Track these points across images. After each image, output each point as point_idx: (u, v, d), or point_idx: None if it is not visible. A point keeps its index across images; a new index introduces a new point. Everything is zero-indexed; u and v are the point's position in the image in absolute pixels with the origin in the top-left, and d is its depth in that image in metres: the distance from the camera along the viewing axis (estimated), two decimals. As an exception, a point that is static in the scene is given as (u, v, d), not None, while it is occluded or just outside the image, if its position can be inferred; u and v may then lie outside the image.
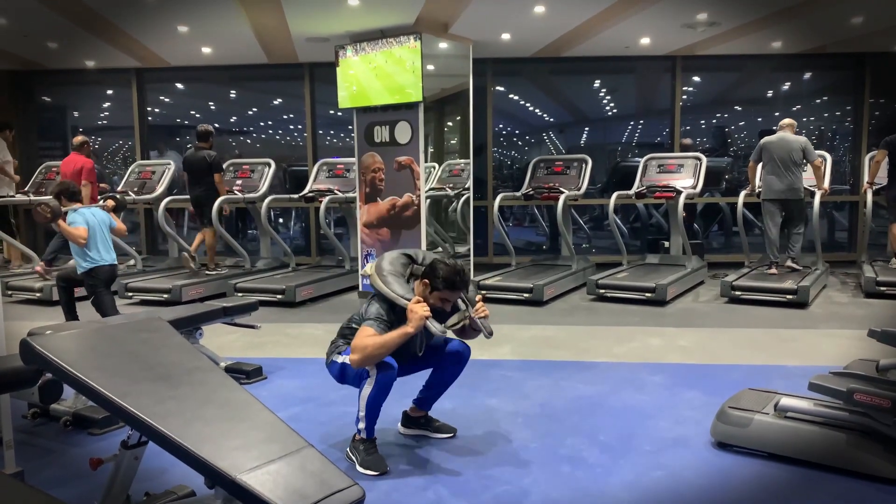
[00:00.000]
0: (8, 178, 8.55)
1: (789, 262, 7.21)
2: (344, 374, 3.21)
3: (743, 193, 7.75)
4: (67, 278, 5.66)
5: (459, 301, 3.21)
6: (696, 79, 9.87)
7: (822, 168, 7.35)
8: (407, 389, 3.53)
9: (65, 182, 5.70)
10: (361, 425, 3.16)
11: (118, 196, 6.33)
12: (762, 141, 7.30)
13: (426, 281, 3.15)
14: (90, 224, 5.28)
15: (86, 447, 3.45)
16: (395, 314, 3.09)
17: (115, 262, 5.50)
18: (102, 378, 2.24)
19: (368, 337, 2.99)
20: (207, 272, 7.92)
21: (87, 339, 2.61)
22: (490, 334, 3.21)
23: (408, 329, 2.97)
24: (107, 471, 2.56)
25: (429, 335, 3.14)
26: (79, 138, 8.08)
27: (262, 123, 11.09)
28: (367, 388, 3.07)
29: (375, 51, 7.05)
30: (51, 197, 5.47)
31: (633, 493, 2.91)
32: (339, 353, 3.22)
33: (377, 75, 7.06)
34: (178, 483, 2.82)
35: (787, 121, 7.30)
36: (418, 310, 2.97)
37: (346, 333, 3.25)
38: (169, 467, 2.99)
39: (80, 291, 6.03)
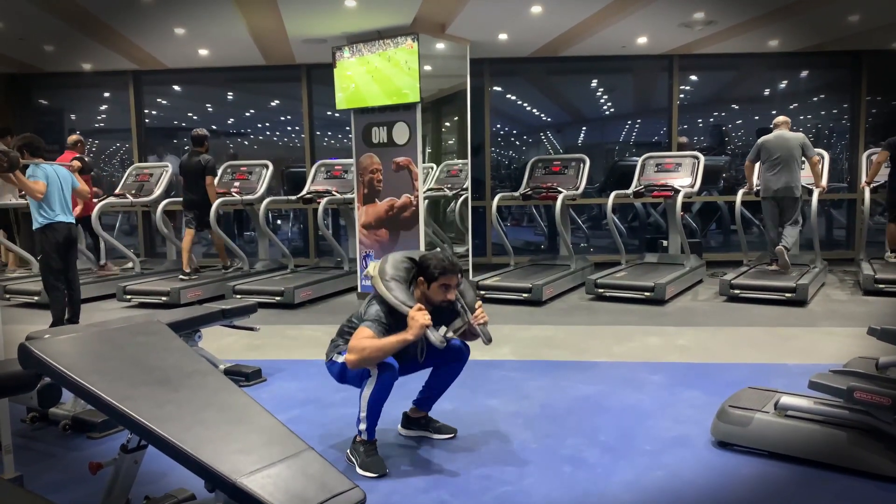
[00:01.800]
0: (10, 183, 8.55)
1: (781, 246, 7.08)
2: (344, 374, 3.20)
3: (741, 192, 7.75)
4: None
5: (459, 307, 3.20)
6: (694, 78, 9.88)
7: (820, 165, 7.35)
8: (407, 391, 3.53)
9: (28, 135, 5.64)
10: (362, 426, 3.15)
11: (86, 160, 6.40)
12: (760, 140, 7.30)
13: (421, 278, 3.16)
14: (50, 179, 5.27)
15: (85, 451, 3.44)
16: (394, 318, 3.08)
17: (73, 223, 5.48)
18: (101, 382, 2.23)
19: (366, 339, 2.98)
20: (225, 271, 7.96)
21: (85, 343, 2.61)
22: (489, 341, 3.22)
23: (407, 336, 2.96)
24: (106, 475, 2.56)
25: (429, 342, 3.13)
26: (73, 137, 8.07)
27: (259, 125, 11.09)
28: (368, 389, 3.07)
29: (372, 52, 7.06)
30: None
31: (633, 493, 2.91)
32: (340, 353, 3.22)
33: (374, 76, 7.06)
34: (178, 487, 2.81)
35: (781, 118, 7.30)
36: (419, 318, 2.96)
37: (346, 333, 3.24)
38: (169, 471, 2.98)
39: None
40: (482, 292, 7.08)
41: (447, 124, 8.39)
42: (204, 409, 2.28)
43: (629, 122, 10.67)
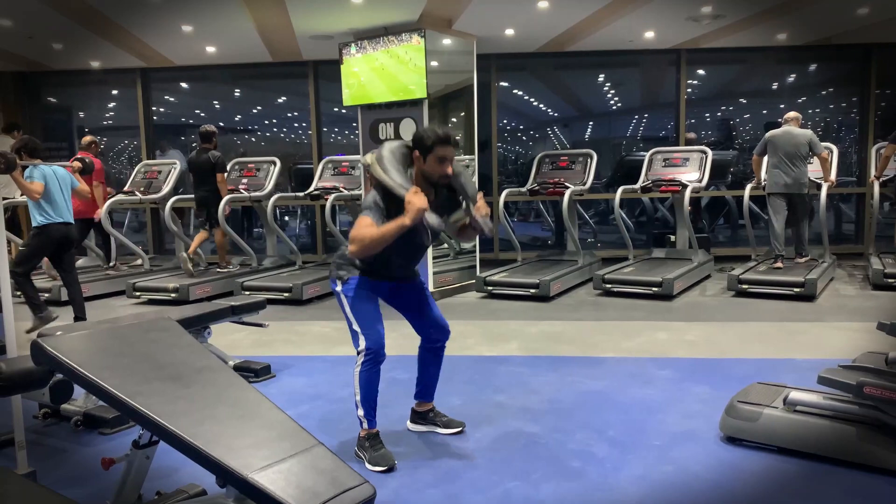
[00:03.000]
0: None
1: (798, 259, 7.19)
2: (340, 301, 3.25)
3: (749, 186, 7.72)
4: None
5: (460, 197, 3.19)
6: (701, 72, 9.83)
7: (829, 160, 7.31)
8: (410, 388, 3.56)
9: (26, 137, 5.74)
10: (361, 412, 3.18)
11: (86, 160, 6.47)
12: (767, 134, 7.26)
13: (417, 152, 3.11)
14: (48, 180, 5.32)
15: (97, 447, 3.47)
16: (392, 202, 3.03)
17: (71, 223, 5.55)
18: (113, 378, 2.25)
19: (366, 227, 2.96)
20: (219, 269, 7.98)
21: (97, 340, 2.63)
22: (490, 231, 3.18)
23: (405, 221, 2.91)
24: (118, 470, 2.58)
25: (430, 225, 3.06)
26: (87, 138, 8.10)
27: (266, 122, 11.11)
28: (358, 367, 3.13)
29: (379, 48, 7.05)
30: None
31: (642, 488, 2.92)
32: (340, 269, 3.26)
33: (381, 72, 7.06)
34: (190, 482, 2.83)
35: (792, 114, 7.25)
36: (416, 201, 2.91)
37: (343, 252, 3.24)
38: (180, 466, 3.00)
39: (88, 291, 6.07)
40: (489, 287, 7.08)
41: (454, 120, 8.38)
42: (214, 405, 2.29)
43: (636, 117, 10.63)
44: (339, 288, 3.23)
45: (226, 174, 7.88)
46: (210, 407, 2.28)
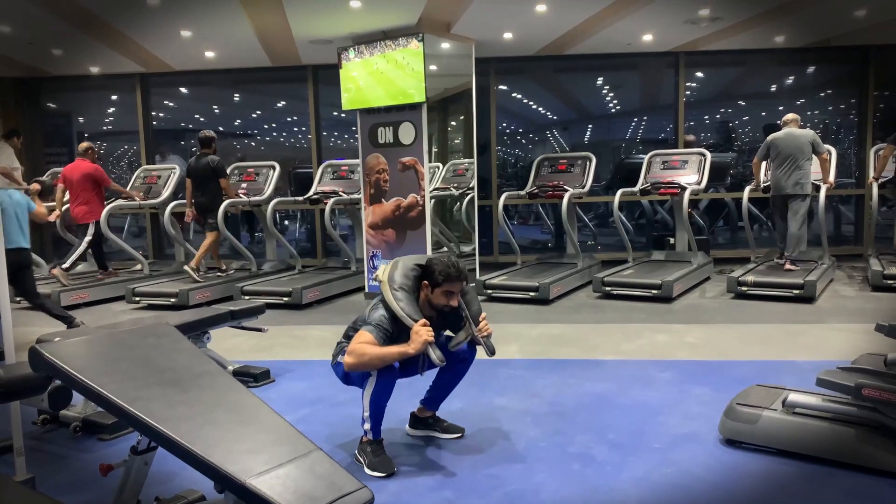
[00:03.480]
0: (16, 184, 8.60)
1: (788, 266, 7.14)
2: (349, 375, 3.21)
3: (748, 188, 7.72)
4: None
5: (464, 316, 3.21)
6: (700, 74, 9.85)
7: (829, 162, 7.31)
8: (414, 390, 3.54)
9: None
10: (367, 426, 3.17)
11: (45, 180, 6.42)
12: (769, 138, 7.25)
13: (425, 282, 3.16)
14: (3, 205, 5.26)
15: (96, 453, 3.46)
16: (397, 326, 3.08)
17: (27, 248, 5.52)
18: (111, 384, 2.25)
19: (367, 345, 2.98)
20: (219, 274, 7.98)
21: (95, 346, 2.63)
22: (492, 353, 3.24)
23: (408, 349, 2.97)
24: (117, 476, 2.58)
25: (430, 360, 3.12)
26: (84, 144, 8.09)
27: (266, 126, 11.12)
28: (370, 389, 3.09)
29: (378, 52, 7.06)
30: None
31: (642, 490, 2.91)
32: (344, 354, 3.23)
33: (380, 76, 7.07)
34: (188, 487, 2.83)
35: (791, 115, 7.25)
36: (423, 334, 2.96)
37: (351, 335, 3.24)
38: (179, 472, 3.00)
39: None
40: (489, 291, 7.09)
41: (453, 123, 8.40)
42: (213, 411, 2.29)
43: (635, 120, 10.65)
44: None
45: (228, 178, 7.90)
46: (208, 412, 2.28)
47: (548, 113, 10.78)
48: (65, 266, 7.68)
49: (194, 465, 2.04)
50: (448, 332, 3.37)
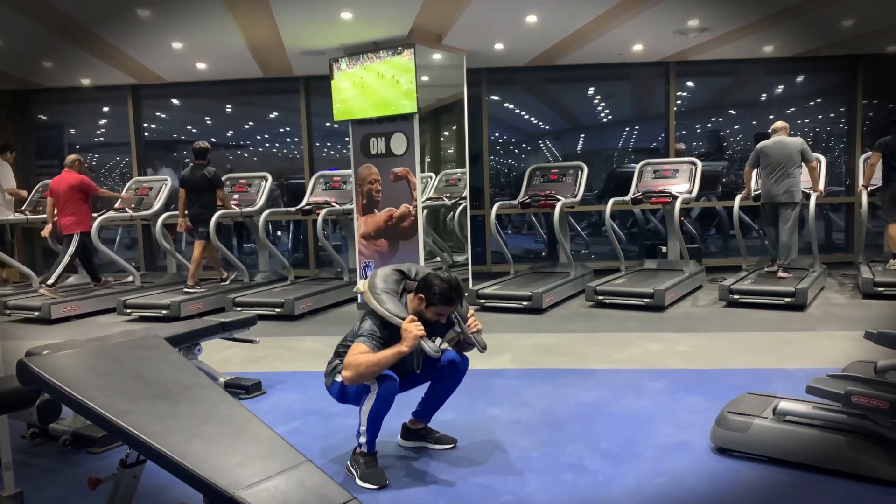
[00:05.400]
0: (16, 196, 8.66)
1: (780, 274, 7.18)
2: (344, 394, 3.20)
3: (739, 197, 7.76)
4: None
5: (452, 317, 3.21)
6: (690, 84, 9.91)
7: (818, 170, 7.36)
8: (407, 402, 3.52)
9: None
10: (363, 439, 3.16)
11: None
12: (759, 146, 7.30)
13: (421, 296, 3.15)
14: None
15: (85, 466, 3.44)
16: (388, 331, 3.08)
17: None
18: (100, 397, 2.23)
19: (362, 354, 2.98)
20: (220, 281, 7.97)
21: (83, 359, 2.61)
22: (484, 348, 3.23)
23: (402, 348, 2.97)
24: (106, 490, 2.56)
25: (425, 354, 3.13)
26: (71, 156, 8.05)
27: (258, 137, 11.12)
28: (369, 404, 3.08)
29: (369, 63, 7.09)
30: None
31: (634, 500, 2.91)
32: (339, 373, 3.21)
33: (372, 87, 7.09)
34: (178, 501, 2.81)
35: (780, 124, 7.31)
36: (413, 329, 2.97)
37: (342, 352, 3.22)
38: (169, 485, 2.98)
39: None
40: (482, 300, 7.09)
41: (445, 134, 8.42)
42: (202, 423, 2.28)
43: (627, 129, 10.69)
44: (339, 378, 3.17)
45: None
46: (198, 425, 2.27)
47: (540, 123, 10.82)
48: (49, 283, 7.65)
49: (183, 479, 2.02)
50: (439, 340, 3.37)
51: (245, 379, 4.63)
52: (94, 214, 7.93)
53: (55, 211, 7.86)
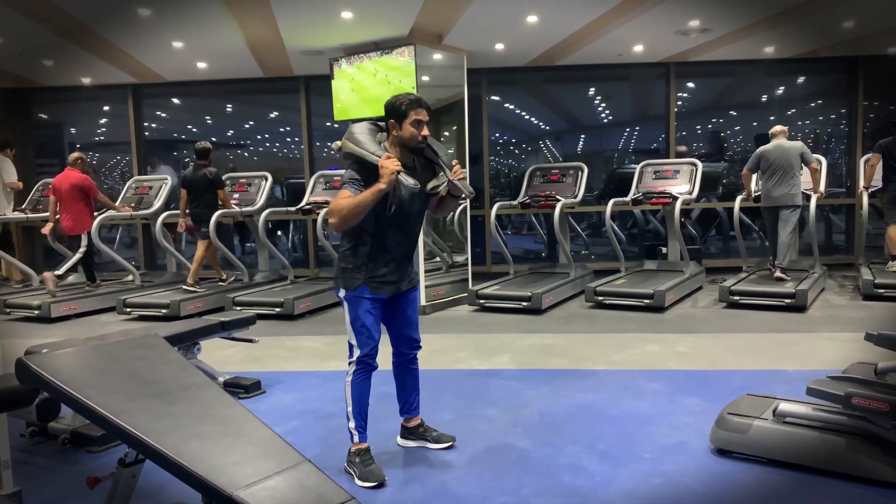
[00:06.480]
0: (15, 189, 8.66)
1: (780, 275, 7.16)
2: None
3: (739, 198, 7.76)
4: None
5: (439, 162, 3.19)
6: (691, 85, 9.91)
7: (819, 171, 7.35)
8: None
9: None
10: (352, 424, 3.20)
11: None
12: (759, 150, 7.28)
13: (392, 120, 3.14)
14: None
15: (84, 465, 3.44)
16: (367, 172, 3.06)
17: None
18: (98, 396, 2.23)
19: (343, 199, 3.00)
20: (220, 283, 7.96)
21: (82, 358, 2.61)
22: (470, 194, 3.21)
23: (380, 185, 2.96)
24: (104, 489, 2.56)
25: (416, 195, 3.12)
26: (74, 155, 8.06)
27: (258, 137, 11.12)
28: (349, 377, 3.19)
29: (370, 63, 7.08)
30: None
31: (632, 501, 2.91)
32: (340, 287, 3.24)
33: (372, 87, 7.09)
34: (176, 500, 2.81)
35: (779, 127, 7.30)
36: (389, 164, 2.96)
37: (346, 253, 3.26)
38: (167, 484, 2.98)
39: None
40: (482, 301, 7.08)
41: (445, 134, 8.41)
42: (201, 423, 2.28)
43: (627, 130, 10.69)
44: (342, 294, 3.25)
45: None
46: (196, 424, 2.26)
47: (540, 123, 10.82)
48: (58, 273, 7.64)
49: (181, 478, 2.02)
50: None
51: (244, 378, 4.63)
52: (95, 214, 7.92)
53: (57, 209, 7.85)
